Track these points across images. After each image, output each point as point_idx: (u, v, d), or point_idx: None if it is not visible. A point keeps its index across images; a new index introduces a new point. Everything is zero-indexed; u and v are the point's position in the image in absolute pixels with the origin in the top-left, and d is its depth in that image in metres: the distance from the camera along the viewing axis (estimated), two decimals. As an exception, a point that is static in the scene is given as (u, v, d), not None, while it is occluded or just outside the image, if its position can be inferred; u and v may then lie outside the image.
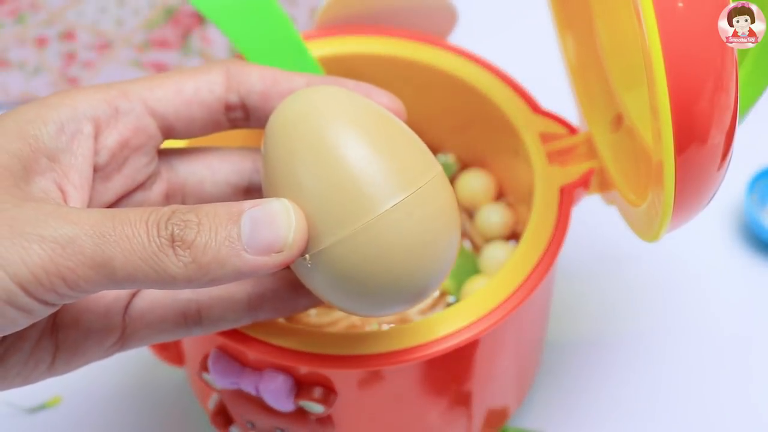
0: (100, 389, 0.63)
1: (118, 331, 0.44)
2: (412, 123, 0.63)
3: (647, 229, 0.48)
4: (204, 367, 0.51)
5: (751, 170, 0.69)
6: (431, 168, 0.41)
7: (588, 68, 0.57)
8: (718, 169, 0.42)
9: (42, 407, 0.62)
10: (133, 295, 0.44)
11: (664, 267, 0.68)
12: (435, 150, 0.63)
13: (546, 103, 0.57)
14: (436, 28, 0.61)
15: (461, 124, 0.60)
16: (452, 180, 0.62)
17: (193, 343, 0.54)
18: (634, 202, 0.50)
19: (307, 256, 0.40)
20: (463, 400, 0.55)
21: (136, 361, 0.64)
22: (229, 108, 0.46)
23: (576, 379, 0.63)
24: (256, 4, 0.57)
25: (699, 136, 0.40)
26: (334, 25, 0.60)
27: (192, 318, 0.45)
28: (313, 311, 0.57)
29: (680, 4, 0.39)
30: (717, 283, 0.67)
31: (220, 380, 0.50)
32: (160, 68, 0.75)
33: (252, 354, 0.48)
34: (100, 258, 0.37)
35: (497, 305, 0.49)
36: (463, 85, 0.58)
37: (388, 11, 0.60)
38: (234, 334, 0.48)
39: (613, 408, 0.62)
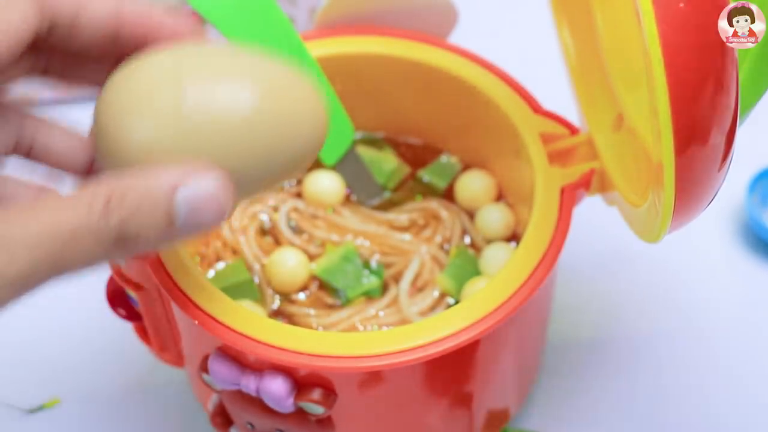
0: (100, 390, 0.63)
1: None
2: (412, 123, 0.63)
3: (648, 230, 0.48)
4: (204, 368, 0.50)
5: (752, 171, 0.69)
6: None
7: (588, 68, 0.57)
8: (719, 169, 0.42)
9: (41, 408, 0.62)
10: None
11: (665, 268, 0.68)
12: (437, 151, 0.63)
13: (546, 103, 0.57)
14: (436, 28, 0.61)
15: (462, 124, 0.60)
16: (453, 180, 0.62)
17: (193, 344, 0.54)
18: (634, 202, 0.50)
19: None
20: (463, 402, 0.54)
21: (136, 361, 0.63)
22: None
23: (577, 379, 0.63)
24: (255, 5, 0.57)
25: (699, 136, 0.40)
26: (333, 25, 0.60)
27: None
28: (312, 311, 0.57)
29: (680, 5, 0.38)
30: (718, 284, 0.67)
31: (220, 381, 0.50)
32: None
33: (252, 355, 0.48)
34: (54, 274, 0.38)
35: (498, 306, 0.49)
36: (464, 85, 0.58)
37: (388, 11, 0.60)
38: (234, 335, 0.48)
39: (614, 409, 0.62)
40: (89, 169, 0.46)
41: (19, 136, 0.44)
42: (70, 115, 0.46)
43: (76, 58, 0.45)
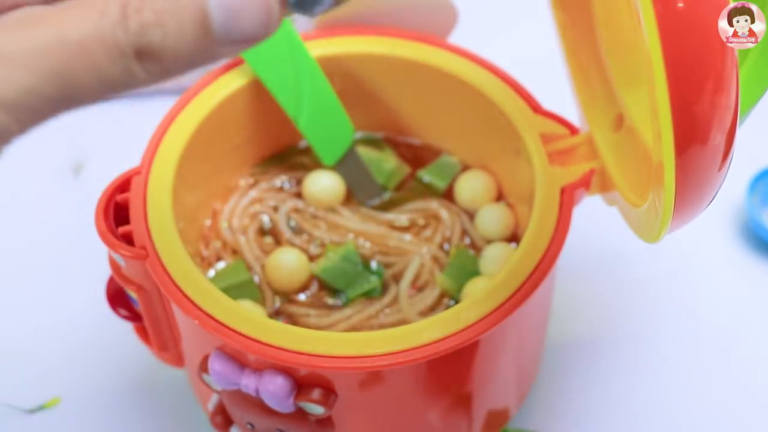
0: (100, 390, 0.63)
1: None
2: (412, 123, 0.63)
3: (648, 230, 0.47)
4: (204, 368, 0.50)
5: (752, 171, 0.69)
6: None
7: (589, 68, 0.57)
8: (719, 169, 0.42)
9: (41, 408, 0.62)
10: None
11: (665, 267, 0.68)
12: (437, 151, 0.63)
13: (547, 103, 0.57)
14: (436, 28, 0.61)
15: (462, 124, 0.60)
16: (453, 180, 0.62)
17: (193, 344, 0.54)
18: (635, 202, 0.50)
19: None
20: (463, 402, 0.54)
21: (136, 361, 0.63)
22: None
23: (576, 380, 0.63)
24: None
25: (699, 136, 0.40)
26: (334, 25, 0.60)
27: None
28: (312, 311, 0.57)
29: (680, 4, 0.38)
30: (718, 284, 0.67)
31: (220, 381, 0.50)
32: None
33: (252, 355, 0.48)
34: (65, 97, 0.32)
35: (497, 306, 0.49)
36: (464, 86, 0.58)
37: (388, 11, 0.60)
38: (234, 335, 0.48)
39: (613, 409, 0.62)
40: None
41: None
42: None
43: None
